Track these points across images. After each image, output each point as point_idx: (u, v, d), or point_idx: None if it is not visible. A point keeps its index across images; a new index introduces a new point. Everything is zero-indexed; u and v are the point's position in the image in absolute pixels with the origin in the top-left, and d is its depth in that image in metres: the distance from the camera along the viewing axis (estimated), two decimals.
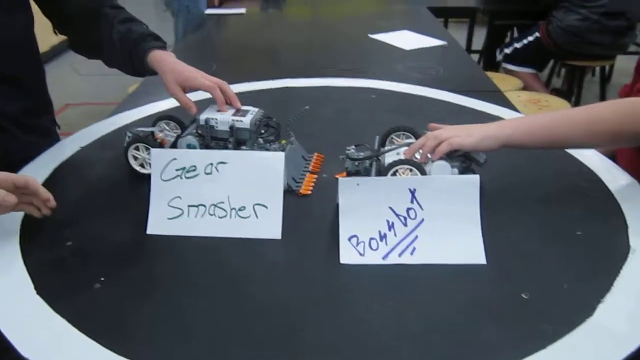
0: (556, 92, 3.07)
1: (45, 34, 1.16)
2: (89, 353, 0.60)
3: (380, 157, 0.91)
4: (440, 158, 0.85)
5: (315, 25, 2.54)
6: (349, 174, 0.92)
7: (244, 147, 0.93)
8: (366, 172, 0.91)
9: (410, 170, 0.85)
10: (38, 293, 0.68)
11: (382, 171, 0.86)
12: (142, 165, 0.95)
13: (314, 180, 0.95)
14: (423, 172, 0.84)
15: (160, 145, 0.94)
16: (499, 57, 3.00)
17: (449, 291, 0.70)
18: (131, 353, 0.59)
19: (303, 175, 0.96)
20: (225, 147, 0.93)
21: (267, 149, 0.93)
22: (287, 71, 1.60)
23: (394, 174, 0.85)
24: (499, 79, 2.33)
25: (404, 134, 0.98)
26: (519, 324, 0.64)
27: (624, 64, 3.33)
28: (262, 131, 0.97)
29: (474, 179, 0.77)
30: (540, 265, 0.74)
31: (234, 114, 0.94)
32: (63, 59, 4.68)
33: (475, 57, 3.47)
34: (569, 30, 2.67)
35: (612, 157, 1.06)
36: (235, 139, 0.93)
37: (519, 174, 0.98)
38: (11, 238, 0.79)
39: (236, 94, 1.01)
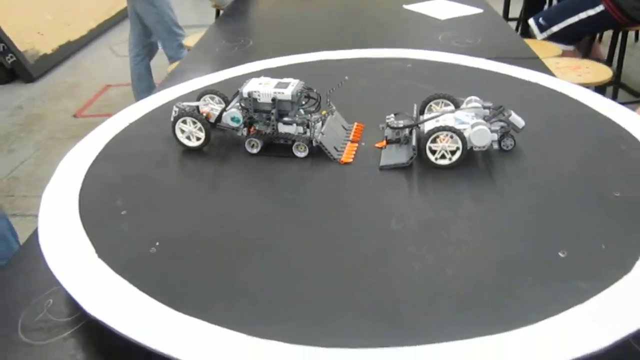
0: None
1: (84, 19, 1.20)
2: (150, 310, 0.64)
3: (420, 125, 0.92)
4: (480, 123, 0.86)
5: None
6: (389, 142, 0.95)
7: (286, 118, 0.95)
8: (406, 140, 0.93)
9: (451, 137, 0.86)
10: (100, 257, 0.73)
11: (422, 138, 0.88)
12: (188, 138, 0.99)
13: (355, 148, 0.97)
14: (463, 138, 0.86)
15: (206, 118, 0.98)
16: (542, 35, 2.66)
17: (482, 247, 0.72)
18: (193, 311, 0.63)
19: (344, 145, 0.98)
20: (268, 119, 0.95)
21: (308, 120, 0.95)
22: (323, 44, 1.61)
23: (434, 140, 0.87)
24: (537, 46, 2.29)
25: (442, 102, 0.99)
26: (555, 282, 0.65)
27: None
28: (303, 102, 1.00)
29: None
30: (577, 226, 0.75)
31: (276, 87, 0.96)
32: (101, 41, 4.77)
33: (512, 25, 3.39)
34: None
35: None
36: (277, 110, 0.96)
37: (555, 135, 0.98)
38: (71, 209, 0.84)
39: (275, 68, 1.03)
